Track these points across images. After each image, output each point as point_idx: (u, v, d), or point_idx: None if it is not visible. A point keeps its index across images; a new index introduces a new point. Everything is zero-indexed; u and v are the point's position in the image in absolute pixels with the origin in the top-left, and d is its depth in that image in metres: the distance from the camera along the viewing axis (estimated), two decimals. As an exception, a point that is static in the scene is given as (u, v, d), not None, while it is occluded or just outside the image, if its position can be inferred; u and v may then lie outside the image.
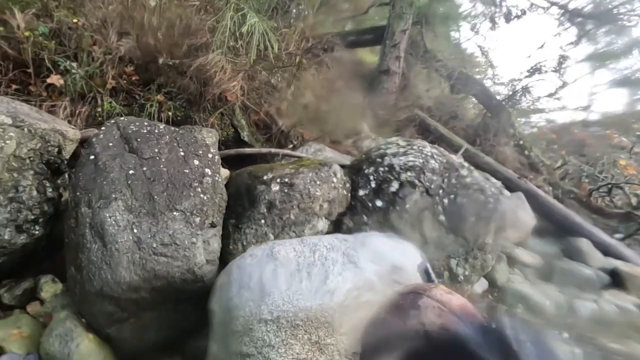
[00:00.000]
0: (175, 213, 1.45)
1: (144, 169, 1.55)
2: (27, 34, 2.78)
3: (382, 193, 2.69)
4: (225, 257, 1.90)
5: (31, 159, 1.56)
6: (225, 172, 2.58)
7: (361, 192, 2.66)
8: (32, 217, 1.50)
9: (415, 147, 2.92)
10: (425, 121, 7.20)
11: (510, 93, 7.66)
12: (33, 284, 1.66)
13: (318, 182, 2.31)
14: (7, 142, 1.44)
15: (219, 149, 3.09)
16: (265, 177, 2.24)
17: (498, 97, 7.83)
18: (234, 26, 2.49)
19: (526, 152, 6.51)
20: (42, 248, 1.71)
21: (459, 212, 2.73)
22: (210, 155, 1.85)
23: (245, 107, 3.52)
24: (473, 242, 2.78)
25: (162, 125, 1.82)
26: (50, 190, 1.63)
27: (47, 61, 2.83)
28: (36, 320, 1.50)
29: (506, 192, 3.15)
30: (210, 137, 2.85)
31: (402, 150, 2.85)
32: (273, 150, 3.05)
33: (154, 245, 1.35)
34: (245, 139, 3.43)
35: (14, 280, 1.64)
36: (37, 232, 1.55)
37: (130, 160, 1.55)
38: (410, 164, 2.77)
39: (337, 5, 6.33)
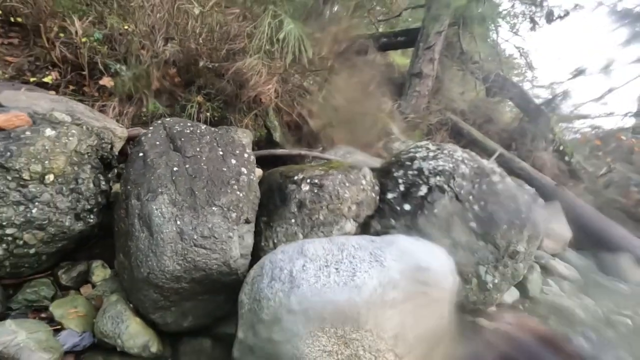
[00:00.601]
0: (214, 208, 1.56)
1: (187, 166, 1.67)
2: (83, 39, 3.04)
3: (411, 197, 2.70)
4: (257, 253, 2.00)
5: (89, 154, 1.73)
6: (258, 172, 2.70)
7: (390, 195, 2.69)
8: (89, 206, 1.66)
9: (445, 152, 2.90)
10: (458, 125, 7.06)
11: (551, 97, 7.33)
12: (86, 267, 1.83)
13: (347, 184, 2.37)
14: (70, 138, 1.61)
15: (252, 149, 3.23)
16: (296, 177, 2.33)
17: (537, 101, 7.52)
18: (270, 32, 2.60)
19: (566, 158, 6.22)
20: (94, 235, 1.89)
21: (489, 219, 2.69)
22: (246, 155, 1.96)
23: (278, 109, 3.65)
24: (504, 250, 2.73)
25: (203, 126, 1.95)
26: (104, 183, 1.80)
27: (100, 64, 3.08)
28: (89, 302, 1.66)
29: (540, 201, 3.06)
30: (245, 137, 2.98)
31: (431, 154, 2.85)
32: (303, 152, 3.14)
33: (195, 237, 1.46)
34: (278, 139, 3.55)
35: (70, 263, 1.82)
36: (91, 220, 1.71)
37: (175, 158, 1.69)
38: (440, 168, 2.76)
39: (371, 8, 6.35)
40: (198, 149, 1.78)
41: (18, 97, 2.40)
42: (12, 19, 3.03)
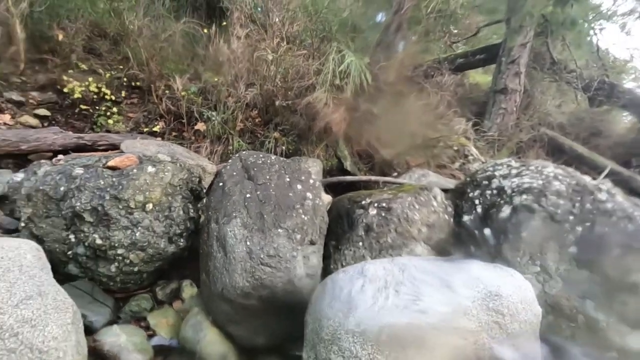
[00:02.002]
0: (280, 230, 1.67)
1: (258, 192, 1.84)
2: (183, 93, 3.63)
3: (491, 219, 2.47)
4: (326, 276, 2.04)
5: (180, 186, 2.02)
6: (327, 198, 2.78)
7: (465, 218, 2.51)
8: (179, 231, 1.92)
9: (532, 168, 2.62)
10: (556, 140, 6.31)
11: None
12: (177, 285, 2.08)
13: (417, 206, 2.29)
14: (166, 173, 1.91)
15: (324, 177, 3.36)
16: (363, 202, 2.34)
17: (659, 107, 6.34)
18: (335, 66, 2.77)
19: None
20: (184, 258, 2.15)
21: (597, 243, 2.30)
22: (311, 181, 2.06)
23: (347, 139, 3.76)
24: (618, 281, 2.29)
25: (273, 157, 2.13)
26: (192, 211, 2.07)
27: (195, 113, 3.63)
28: (178, 315, 1.89)
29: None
30: (314, 166, 3.13)
31: (514, 171, 2.60)
32: (374, 178, 3.15)
33: (262, 256, 1.58)
34: (348, 168, 3.63)
35: (165, 281, 2.10)
36: (181, 244, 1.97)
37: (248, 186, 1.87)
38: (526, 185, 2.50)
39: (443, 31, 6.25)
40: (268, 177, 1.94)
41: (135, 145, 2.95)
42: (132, 84, 3.79)
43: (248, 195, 1.82)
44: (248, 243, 1.61)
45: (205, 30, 3.83)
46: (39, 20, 3.45)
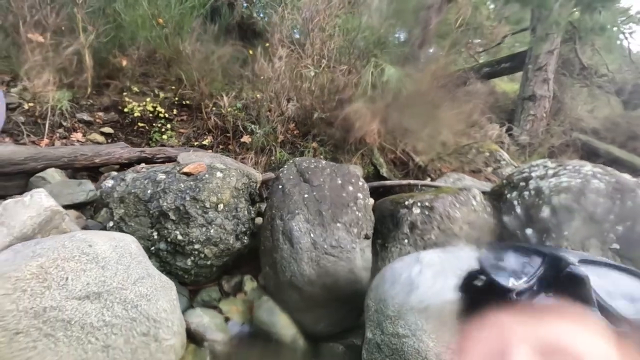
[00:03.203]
0: (338, 224, 1.86)
1: (314, 193, 2.05)
2: (229, 109, 3.95)
3: (532, 220, 2.57)
4: (375, 273, 2.20)
5: (242, 190, 2.26)
6: (370, 201, 2.96)
7: (505, 218, 2.61)
8: (244, 229, 2.16)
9: (569, 167, 2.70)
10: (590, 144, 6.25)
11: None
12: (240, 279, 2.30)
13: (457, 205, 2.43)
14: (232, 177, 2.16)
15: (363, 183, 3.54)
16: (406, 202, 2.51)
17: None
18: (373, 79, 2.98)
19: None
20: (244, 255, 2.37)
21: (638, 239, 2.36)
22: (360, 183, 2.26)
23: (382, 148, 3.95)
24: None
25: (323, 162, 2.34)
26: (253, 212, 2.30)
27: (240, 127, 3.93)
28: (244, 304, 2.10)
29: None
30: (357, 171, 3.31)
31: (551, 171, 2.69)
32: (412, 181, 3.30)
33: (325, 247, 1.77)
34: (385, 174, 3.81)
35: (229, 276, 2.32)
36: (246, 241, 2.19)
37: (305, 188, 2.08)
38: (564, 185, 2.58)
39: (468, 42, 6.40)
40: (322, 180, 2.15)
41: (190, 157, 3.25)
42: (183, 102, 4.16)
43: (306, 196, 2.03)
44: (312, 235, 1.81)
45: (251, 52, 4.17)
46: (104, 49, 3.89)
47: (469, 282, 0.41)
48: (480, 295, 0.38)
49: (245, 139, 3.86)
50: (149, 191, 1.98)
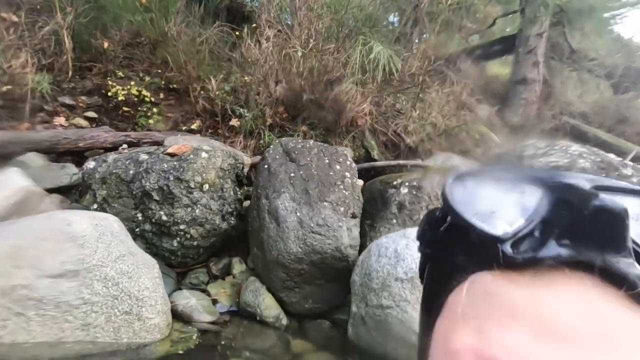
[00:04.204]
0: (325, 203, 1.84)
1: (301, 172, 2.02)
2: (217, 92, 3.87)
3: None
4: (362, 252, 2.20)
5: (229, 170, 2.22)
6: (359, 182, 2.95)
7: (495, 196, 2.62)
8: (230, 210, 2.13)
9: (557, 147, 2.72)
10: (579, 128, 6.29)
11: None
12: (228, 262, 2.28)
13: (446, 185, 2.43)
14: (217, 158, 2.12)
15: (353, 165, 3.51)
16: (395, 182, 2.49)
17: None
18: (362, 58, 2.93)
19: None
20: (232, 237, 2.35)
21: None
22: (348, 162, 2.23)
23: (374, 130, 3.92)
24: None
25: (311, 141, 2.31)
26: (239, 193, 2.27)
27: (229, 110, 3.86)
28: (232, 287, 2.08)
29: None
30: (345, 151, 3.28)
31: (541, 151, 2.70)
32: (402, 161, 3.29)
33: (312, 225, 1.75)
34: (376, 157, 3.78)
35: (217, 258, 2.30)
36: (232, 222, 2.17)
37: (291, 167, 2.05)
38: (553, 164, 2.60)
39: (460, 23, 6.33)
40: (308, 159, 2.12)
41: (177, 141, 3.19)
42: (170, 86, 4.07)
43: (292, 175, 2.00)
44: (298, 214, 1.79)
45: (237, 33, 4.07)
46: (85, 31, 3.76)
47: (432, 227, 0.27)
48: (450, 248, 0.26)
49: (234, 122, 3.79)
50: (131, 172, 1.93)
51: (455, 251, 0.25)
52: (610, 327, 0.19)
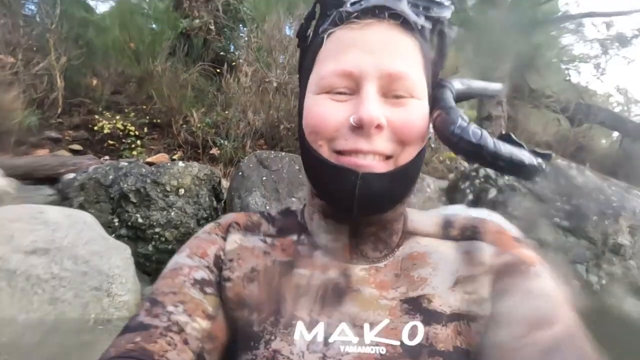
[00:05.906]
0: (293, 199, 1.97)
1: (272, 176, 2.16)
2: (199, 125, 4.10)
3: (481, 202, 2.76)
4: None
5: (204, 180, 2.35)
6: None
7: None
8: (206, 215, 2.22)
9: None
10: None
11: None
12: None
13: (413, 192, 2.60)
14: (194, 167, 2.26)
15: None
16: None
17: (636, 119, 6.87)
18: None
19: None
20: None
21: (576, 212, 2.59)
22: (318, 169, 2.40)
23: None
24: (602, 243, 2.53)
25: (283, 153, 2.48)
26: (215, 202, 2.38)
27: (210, 141, 4.06)
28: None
29: (635, 191, 2.76)
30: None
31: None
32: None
33: (280, 216, 1.86)
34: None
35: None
36: (207, 227, 2.25)
37: (263, 172, 2.20)
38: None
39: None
40: (280, 165, 2.28)
41: (158, 165, 3.32)
42: (154, 121, 4.29)
43: (264, 178, 2.14)
44: (267, 208, 1.90)
45: (218, 70, 4.41)
46: (76, 70, 4.03)
47: (307, 19, 0.48)
48: (318, 23, 0.46)
49: (215, 151, 3.98)
50: (110, 176, 2.04)
51: (319, 22, 0.44)
52: (391, 39, 0.41)
